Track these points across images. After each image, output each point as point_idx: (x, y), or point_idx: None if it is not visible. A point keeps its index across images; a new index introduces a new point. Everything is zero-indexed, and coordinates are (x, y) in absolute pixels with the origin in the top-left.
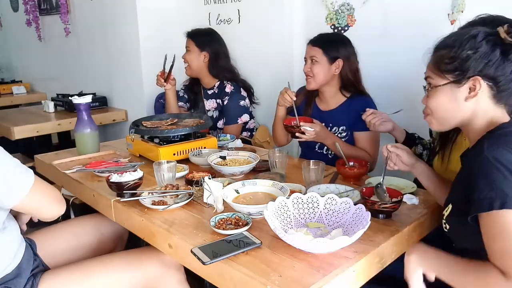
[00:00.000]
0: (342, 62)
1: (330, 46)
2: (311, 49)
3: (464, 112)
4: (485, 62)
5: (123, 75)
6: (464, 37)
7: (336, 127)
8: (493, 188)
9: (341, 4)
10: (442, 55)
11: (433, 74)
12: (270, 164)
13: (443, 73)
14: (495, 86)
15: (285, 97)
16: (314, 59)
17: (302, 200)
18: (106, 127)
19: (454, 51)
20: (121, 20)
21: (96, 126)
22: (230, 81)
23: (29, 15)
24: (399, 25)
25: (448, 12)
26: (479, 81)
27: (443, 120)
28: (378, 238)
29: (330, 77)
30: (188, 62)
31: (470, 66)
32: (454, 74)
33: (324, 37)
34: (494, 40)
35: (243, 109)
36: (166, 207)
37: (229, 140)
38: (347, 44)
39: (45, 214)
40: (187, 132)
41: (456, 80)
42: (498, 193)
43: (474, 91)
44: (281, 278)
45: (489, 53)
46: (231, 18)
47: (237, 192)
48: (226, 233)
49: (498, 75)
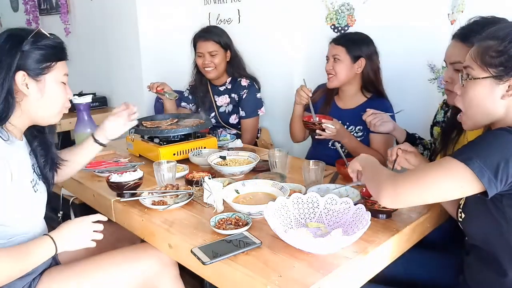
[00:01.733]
0: (365, 61)
1: (353, 45)
2: (334, 47)
3: (497, 110)
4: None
5: (123, 75)
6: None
7: (353, 126)
8: (476, 146)
9: (341, 4)
10: (489, 46)
11: (475, 64)
12: (270, 164)
13: (486, 65)
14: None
15: (301, 94)
16: (337, 57)
17: (302, 200)
18: None
19: (504, 45)
20: (121, 20)
21: (96, 126)
22: (242, 76)
23: (29, 15)
24: (399, 25)
25: (448, 12)
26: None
27: (475, 116)
28: (378, 238)
29: (352, 76)
30: (216, 65)
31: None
32: (498, 69)
33: (348, 36)
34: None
35: (260, 101)
36: (166, 207)
37: (229, 140)
38: (370, 44)
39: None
40: (187, 132)
41: (498, 76)
42: (473, 149)
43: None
44: (281, 278)
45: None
46: (231, 18)
47: (237, 192)
48: (226, 233)
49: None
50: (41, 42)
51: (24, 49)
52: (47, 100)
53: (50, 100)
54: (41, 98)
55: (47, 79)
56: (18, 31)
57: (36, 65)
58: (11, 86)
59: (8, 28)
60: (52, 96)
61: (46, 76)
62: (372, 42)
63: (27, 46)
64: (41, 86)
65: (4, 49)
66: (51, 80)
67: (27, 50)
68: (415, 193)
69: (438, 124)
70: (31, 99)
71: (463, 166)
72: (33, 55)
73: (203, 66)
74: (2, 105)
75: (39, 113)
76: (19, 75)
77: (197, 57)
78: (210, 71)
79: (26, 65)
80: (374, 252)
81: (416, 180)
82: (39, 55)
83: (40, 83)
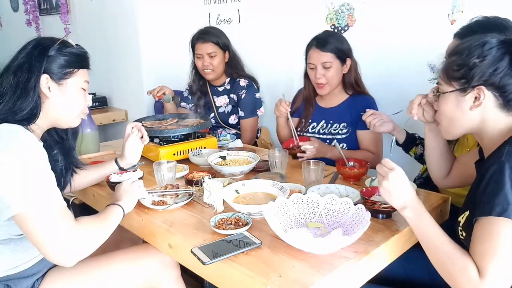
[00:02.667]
0: (350, 61)
1: (339, 47)
2: (322, 55)
3: (471, 121)
4: (492, 70)
5: (123, 75)
6: (474, 44)
7: (337, 123)
8: (499, 195)
9: (341, 4)
10: (451, 61)
11: (442, 80)
12: (270, 164)
13: (450, 80)
14: (502, 95)
15: (280, 109)
16: (327, 65)
17: (302, 200)
18: (106, 127)
19: (462, 58)
20: (121, 20)
21: (96, 126)
22: (241, 77)
23: (29, 15)
24: (399, 25)
25: (448, 12)
26: (483, 90)
27: (450, 128)
28: (378, 238)
29: (341, 78)
30: (214, 67)
31: (475, 75)
32: (460, 82)
33: (329, 39)
34: (504, 48)
35: (259, 101)
36: (166, 207)
37: (229, 140)
38: (347, 42)
39: (38, 247)
40: (187, 132)
41: (461, 88)
42: (501, 200)
43: (478, 101)
44: (281, 278)
45: (497, 61)
46: (231, 18)
47: (237, 192)
48: (226, 233)
49: (505, 84)
50: (66, 49)
51: (50, 54)
52: (67, 103)
53: (70, 103)
54: (61, 101)
55: (68, 84)
56: (46, 39)
57: (59, 70)
58: (38, 88)
59: (36, 37)
60: (72, 100)
61: (68, 81)
62: (347, 41)
63: (53, 52)
64: (63, 89)
65: (34, 54)
66: (72, 85)
67: (52, 55)
68: (504, 275)
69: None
70: (52, 101)
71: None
72: (58, 60)
73: (203, 68)
74: (32, 105)
75: (59, 115)
76: (43, 78)
77: (196, 59)
78: (209, 72)
79: (50, 69)
80: (374, 252)
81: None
82: (63, 61)
83: (61, 87)
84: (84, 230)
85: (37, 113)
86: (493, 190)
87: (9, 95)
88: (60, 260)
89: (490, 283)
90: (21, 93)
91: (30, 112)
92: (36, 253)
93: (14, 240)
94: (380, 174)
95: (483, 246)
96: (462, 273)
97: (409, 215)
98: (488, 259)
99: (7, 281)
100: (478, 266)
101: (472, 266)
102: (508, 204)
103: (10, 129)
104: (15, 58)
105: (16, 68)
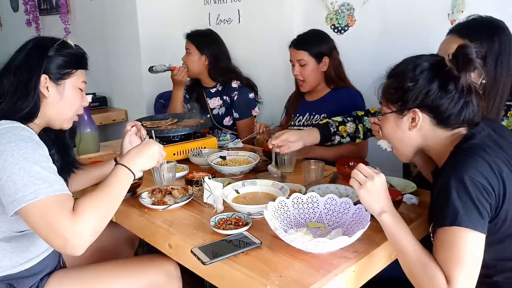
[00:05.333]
0: (328, 59)
1: (314, 46)
2: (296, 53)
3: (413, 139)
4: (424, 94)
5: (123, 75)
6: (407, 68)
7: (318, 115)
8: (448, 206)
9: (341, 4)
10: (389, 84)
11: (382, 102)
12: (279, 161)
13: (388, 102)
14: (436, 116)
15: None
16: (302, 62)
17: (302, 200)
18: (106, 127)
19: (397, 81)
20: (121, 20)
21: (96, 126)
22: (232, 79)
23: (29, 15)
24: (399, 25)
25: (448, 12)
26: (417, 113)
27: (400, 149)
28: (378, 238)
29: (320, 75)
30: (187, 64)
31: (409, 98)
32: (397, 104)
33: (305, 37)
34: (434, 71)
35: (253, 101)
36: (166, 207)
37: (229, 140)
38: (328, 40)
39: (45, 240)
40: (187, 132)
41: (398, 111)
42: (450, 211)
43: (415, 122)
44: (281, 278)
45: (427, 85)
46: (231, 18)
47: (237, 192)
48: (226, 233)
49: (437, 105)
50: (65, 50)
51: (50, 54)
52: (64, 103)
53: (67, 103)
54: (59, 100)
55: (66, 84)
56: (45, 39)
57: (58, 70)
58: (38, 88)
59: (35, 36)
60: (69, 100)
61: (66, 81)
62: (330, 39)
63: (52, 52)
64: (61, 89)
65: (34, 54)
66: (69, 86)
67: (51, 55)
68: (471, 281)
69: None
70: (50, 100)
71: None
72: (57, 60)
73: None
74: (32, 105)
75: (55, 115)
76: (41, 78)
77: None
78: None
79: (49, 69)
80: (374, 252)
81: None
82: (62, 61)
83: (60, 87)
84: (85, 219)
85: (36, 113)
86: (443, 202)
87: (10, 95)
88: (69, 252)
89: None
90: (22, 93)
91: (30, 112)
92: (37, 252)
93: (15, 238)
94: (355, 180)
95: (444, 254)
96: (432, 279)
97: (387, 219)
98: (452, 267)
99: (9, 280)
100: (445, 273)
101: (441, 274)
102: (456, 213)
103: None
104: (14, 57)
105: (16, 68)
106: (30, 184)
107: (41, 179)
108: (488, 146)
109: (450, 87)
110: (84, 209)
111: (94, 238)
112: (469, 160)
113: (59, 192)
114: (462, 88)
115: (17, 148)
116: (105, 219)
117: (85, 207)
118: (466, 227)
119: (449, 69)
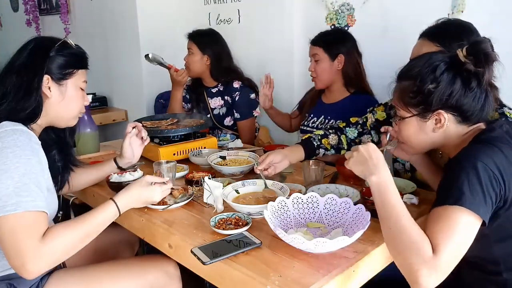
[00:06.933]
0: (343, 57)
1: (330, 43)
2: (313, 48)
3: (436, 139)
4: (448, 95)
5: (123, 75)
6: (425, 69)
7: (334, 120)
8: (453, 187)
9: (341, 4)
10: (405, 87)
11: (399, 105)
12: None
13: (407, 106)
14: (461, 114)
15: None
16: (316, 57)
17: (302, 200)
18: (106, 127)
19: (417, 84)
20: (121, 20)
21: (96, 126)
22: (233, 79)
23: (29, 15)
24: (399, 25)
25: (448, 12)
26: (442, 114)
27: (415, 147)
28: (378, 238)
29: (334, 73)
30: (189, 64)
31: (433, 100)
32: (419, 108)
33: (324, 34)
34: (454, 69)
35: (254, 102)
36: (166, 207)
37: (229, 140)
38: (347, 39)
39: (4, 254)
40: (187, 132)
41: (420, 114)
42: (455, 191)
43: (440, 123)
44: (281, 278)
45: (451, 85)
46: (231, 18)
47: (237, 192)
48: (226, 233)
49: (461, 104)
50: (66, 50)
51: (51, 54)
52: (67, 103)
53: (69, 103)
54: (61, 100)
55: (68, 84)
56: (46, 39)
57: (60, 70)
58: (41, 88)
59: (35, 36)
60: (71, 99)
61: (68, 81)
62: (350, 38)
63: (53, 53)
64: (63, 90)
65: (36, 55)
66: (71, 86)
67: (53, 56)
68: (454, 259)
69: None
70: (52, 101)
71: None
72: (58, 60)
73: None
74: (35, 104)
75: (58, 115)
76: (44, 78)
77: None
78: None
79: (50, 70)
80: (374, 252)
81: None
82: (63, 61)
83: (62, 87)
84: (50, 248)
85: (39, 113)
86: (451, 183)
87: (12, 95)
88: (21, 274)
89: (440, 260)
90: (24, 93)
91: (32, 112)
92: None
93: None
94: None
95: (437, 227)
96: (417, 245)
97: (374, 181)
98: (442, 237)
99: (10, 280)
100: (433, 243)
101: (428, 243)
102: (462, 194)
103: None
104: (16, 58)
105: (18, 68)
106: (13, 195)
107: (26, 191)
108: (507, 140)
109: (472, 85)
110: (53, 237)
111: (51, 267)
112: (486, 149)
113: (40, 209)
114: (483, 83)
115: (12, 156)
116: (71, 252)
117: (56, 236)
118: (468, 208)
119: (467, 66)
